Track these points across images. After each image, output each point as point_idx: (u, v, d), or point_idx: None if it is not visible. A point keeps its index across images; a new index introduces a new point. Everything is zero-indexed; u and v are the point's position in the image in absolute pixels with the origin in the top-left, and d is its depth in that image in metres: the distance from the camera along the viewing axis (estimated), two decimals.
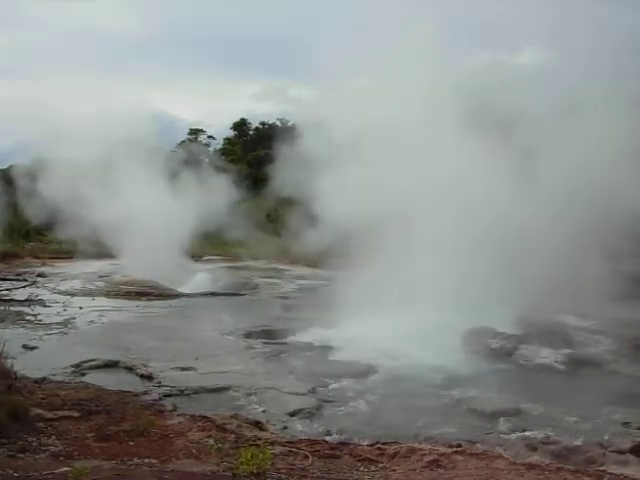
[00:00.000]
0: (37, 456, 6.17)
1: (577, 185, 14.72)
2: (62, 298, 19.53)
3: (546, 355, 12.37)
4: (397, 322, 14.82)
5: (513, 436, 8.46)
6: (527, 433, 8.54)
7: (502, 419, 9.13)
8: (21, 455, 6.11)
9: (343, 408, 9.69)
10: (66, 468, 5.38)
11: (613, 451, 7.80)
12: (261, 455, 5.55)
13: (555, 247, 14.50)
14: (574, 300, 14.79)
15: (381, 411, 9.58)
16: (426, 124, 15.53)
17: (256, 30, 78.20)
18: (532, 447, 7.92)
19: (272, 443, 6.98)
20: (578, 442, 8.07)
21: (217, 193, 26.22)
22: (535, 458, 6.95)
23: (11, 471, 5.25)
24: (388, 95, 16.21)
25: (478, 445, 7.70)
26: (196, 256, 30.67)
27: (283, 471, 5.94)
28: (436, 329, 13.77)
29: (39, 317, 16.34)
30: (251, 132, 51.42)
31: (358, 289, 17.80)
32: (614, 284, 15.41)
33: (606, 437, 8.34)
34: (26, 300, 18.63)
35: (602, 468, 6.86)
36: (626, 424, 9.01)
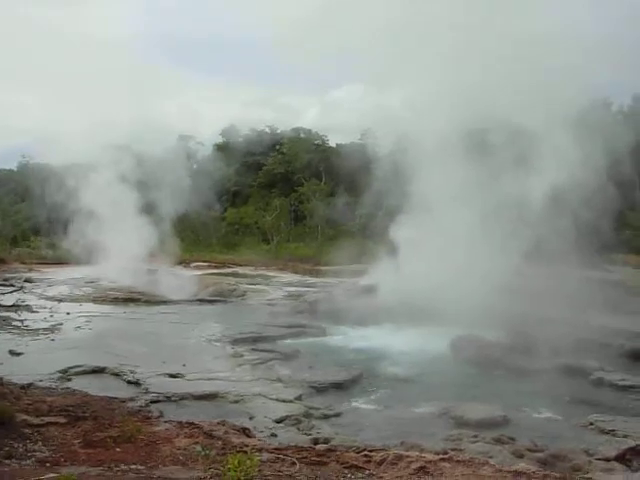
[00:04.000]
0: (23, 462, 6.14)
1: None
2: (49, 304, 19.47)
3: (533, 363, 12.39)
4: (386, 330, 14.92)
5: (499, 443, 8.48)
6: (513, 440, 8.57)
7: (489, 426, 9.16)
8: (7, 461, 6.08)
9: (330, 415, 9.69)
10: (53, 474, 5.36)
11: (599, 459, 7.85)
12: (248, 462, 5.54)
13: (550, 257, 14.65)
14: (562, 309, 14.85)
15: (368, 419, 9.59)
16: None
17: (248, 35, 78.05)
18: (518, 454, 7.95)
19: (259, 450, 6.97)
20: (564, 449, 8.11)
21: (205, 199, 26.21)
22: (521, 465, 6.95)
23: None
24: None
25: (465, 452, 7.71)
26: (184, 262, 30.63)
27: (270, 478, 5.93)
28: (424, 337, 13.87)
29: (26, 323, 16.24)
30: (240, 139, 51.29)
31: (347, 297, 17.81)
32: (602, 293, 15.54)
33: (591, 445, 8.38)
34: (13, 305, 18.50)
35: (588, 475, 6.91)
36: (611, 432, 9.06)
